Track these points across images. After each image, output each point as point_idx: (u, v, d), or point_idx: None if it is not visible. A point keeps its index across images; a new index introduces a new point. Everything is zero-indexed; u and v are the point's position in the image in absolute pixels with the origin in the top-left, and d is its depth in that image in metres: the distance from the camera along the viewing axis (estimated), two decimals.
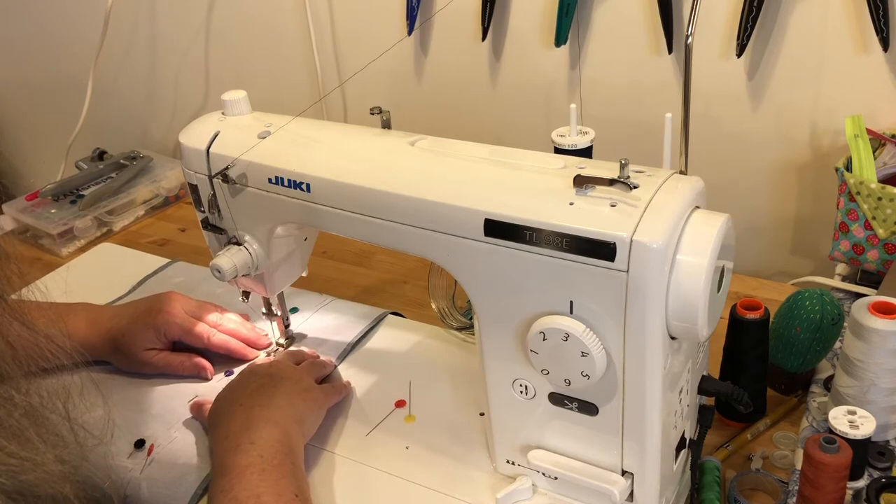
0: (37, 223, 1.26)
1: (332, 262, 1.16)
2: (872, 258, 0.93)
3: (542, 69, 1.17)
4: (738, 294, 1.00)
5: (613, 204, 0.60)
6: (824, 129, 1.03)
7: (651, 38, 1.08)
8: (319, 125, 0.84)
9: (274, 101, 0.99)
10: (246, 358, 0.93)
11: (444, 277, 0.95)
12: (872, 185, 0.90)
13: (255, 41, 1.40)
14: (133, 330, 0.89)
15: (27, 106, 1.80)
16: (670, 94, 1.09)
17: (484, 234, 0.64)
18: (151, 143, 1.63)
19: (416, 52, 1.26)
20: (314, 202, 0.75)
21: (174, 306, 0.91)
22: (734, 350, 0.80)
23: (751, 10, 0.98)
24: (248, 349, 0.93)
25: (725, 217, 0.62)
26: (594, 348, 0.62)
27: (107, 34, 1.43)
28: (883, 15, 0.92)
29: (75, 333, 0.90)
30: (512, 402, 0.71)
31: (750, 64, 1.04)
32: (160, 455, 0.81)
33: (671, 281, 0.59)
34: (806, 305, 0.80)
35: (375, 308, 1.01)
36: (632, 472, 0.68)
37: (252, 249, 0.84)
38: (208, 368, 0.90)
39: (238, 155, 0.78)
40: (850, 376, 0.75)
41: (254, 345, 0.94)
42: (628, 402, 0.64)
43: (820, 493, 0.66)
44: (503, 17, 1.16)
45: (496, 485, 0.74)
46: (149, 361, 0.89)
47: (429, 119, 1.28)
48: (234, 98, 0.82)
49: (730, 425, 0.82)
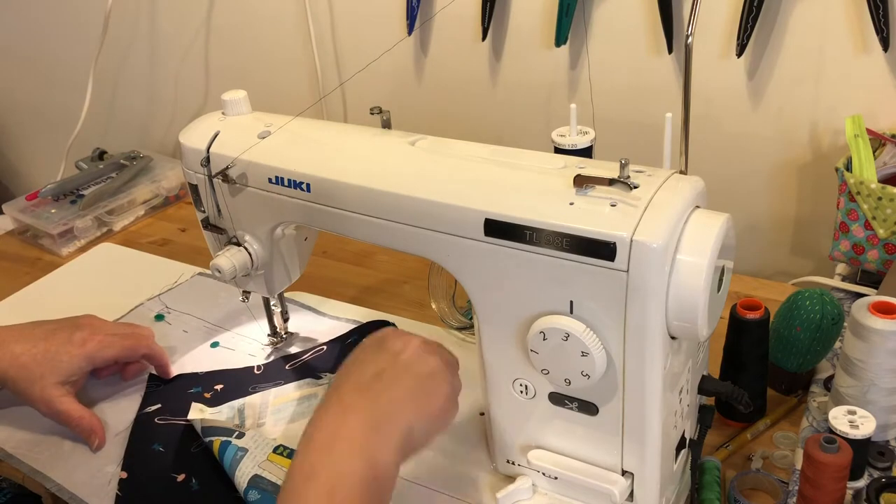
0: (37, 223, 1.26)
1: (332, 262, 1.16)
2: (872, 258, 0.93)
3: (542, 69, 1.17)
4: (738, 294, 1.00)
5: (613, 204, 0.60)
6: (824, 129, 1.03)
7: (651, 38, 1.08)
8: (319, 125, 0.84)
9: (274, 101, 1.00)
10: (167, 375, 0.91)
11: (444, 277, 0.95)
12: (872, 185, 0.90)
13: (255, 41, 1.40)
14: (52, 356, 0.80)
15: (27, 106, 1.80)
16: (670, 94, 1.09)
17: (484, 234, 0.64)
18: (151, 143, 1.63)
19: (416, 52, 1.26)
20: (314, 202, 0.75)
21: (104, 324, 0.87)
22: (734, 350, 0.80)
23: (751, 10, 0.98)
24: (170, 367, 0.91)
25: (725, 217, 0.62)
26: (594, 348, 0.62)
27: (107, 34, 1.43)
28: (883, 15, 0.92)
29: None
30: (512, 402, 0.71)
31: (750, 64, 1.04)
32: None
33: (671, 281, 0.59)
34: (806, 305, 0.80)
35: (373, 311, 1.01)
36: (632, 472, 0.68)
37: (252, 249, 0.84)
38: (99, 439, 0.82)
39: (238, 155, 0.78)
40: (850, 376, 0.75)
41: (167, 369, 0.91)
42: (628, 402, 0.64)
43: (820, 493, 0.66)
44: (503, 17, 1.16)
45: (496, 485, 0.74)
46: (53, 399, 0.80)
47: (429, 119, 1.28)
48: (234, 98, 0.82)
49: (730, 425, 0.82)
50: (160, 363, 0.91)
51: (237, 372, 0.92)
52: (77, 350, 0.83)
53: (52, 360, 0.81)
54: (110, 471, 0.80)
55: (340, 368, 0.67)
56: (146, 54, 1.55)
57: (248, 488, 0.73)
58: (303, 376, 0.90)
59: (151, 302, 1.07)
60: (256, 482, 0.73)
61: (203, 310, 1.04)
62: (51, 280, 1.16)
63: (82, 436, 0.83)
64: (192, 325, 1.01)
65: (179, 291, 1.09)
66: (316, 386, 0.88)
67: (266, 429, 0.83)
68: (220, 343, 0.98)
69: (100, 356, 0.85)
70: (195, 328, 1.01)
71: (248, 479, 0.73)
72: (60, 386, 0.82)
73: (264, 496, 0.72)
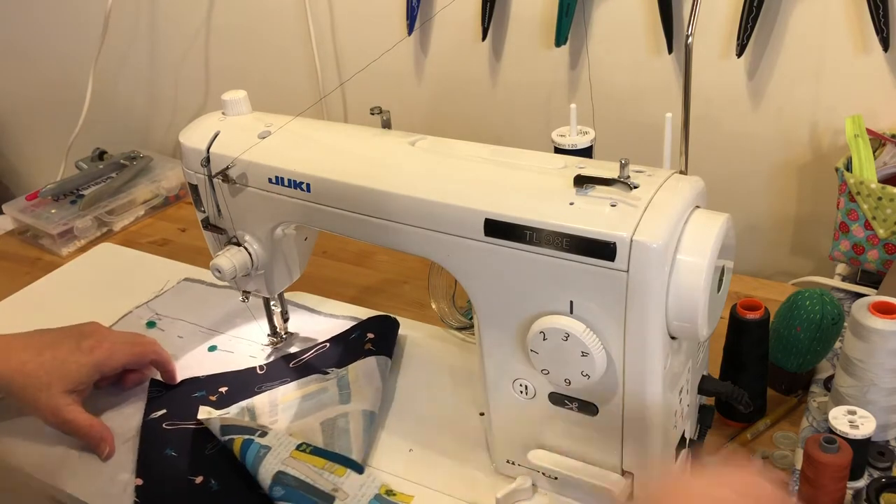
0: (37, 223, 1.26)
1: (332, 262, 1.16)
2: (872, 258, 0.93)
3: (542, 69, 1.17)
4: (738, 294, 1.00)
5: (613, 204, 0.60)
6: (824, 129, 1.03)
7: (651, 39, 1.08)
8: (319, 125, 0.84)
9: (274, 101, 1.00)
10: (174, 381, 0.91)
11: (444, 277, 0.95)
12: (872, 185, 0.90)
13: (255, 41, 1.40)
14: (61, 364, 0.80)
15: (27, 106, 1.80)
16: (670, 94, 1.09)
17: (484, 234, 0.64)
18: (151, 143, 1.63)
19: (416, 52, 1.26)
20: (314, 202, 0.75)
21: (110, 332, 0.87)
22: (734, 350, 0.80)
23: (751, 10, 0.98)
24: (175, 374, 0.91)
25: (725, 217, 0.62)
26: (594, 348, 0.62)
27: (107, 34, 1.43)
28: (883, 15, 0.92)
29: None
30: (512, 402, 0.71)
31: (750, 64, 1.04)
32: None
33: (671, 281, 0.59)
34: (806, 305, 0.80)
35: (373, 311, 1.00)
36: (632, 472, 0.68)
37: (252, 249, 0.84)
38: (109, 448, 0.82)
39: (238, 155, 0.78)
40: (850, 376, 0.75)
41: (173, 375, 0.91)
42: (628, 403, 0.64)
43: (820, 493, 0.66)
44: (503, 17, 1.16)
45: (496, 485, 0.74)
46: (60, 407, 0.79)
47: (429, 119, 1.28)
48: (234, 98, 0.82)
49: (730, 425, 0.82)
50: (167, 369, 0.91)
51: (240, 373, 0.92)
52: (85, 358, 0.82)
53: (59, 367, 0.80)
54: (124, 479, 0.79)
55: None
56: (146, 54, 1.55)
57: (272, 484, 0.73)
58: (308, 373, 0.90)
59: (140, 309, 1.06)
60: (280, 478, 0.73)
61: (195, 314, 1.03)
62: (51, 280, 1.16)
63: (91, 444, 0.82)
64: (186, 331, 1.00)
65: (168, 297, 1.08)
66: (324, 381, 0.88)
67: (279, 426, 0.83)
68: (218, 346, 0.98)
69: (108, 364, 0.84)
70: (190, 333, 1.00)
71: (272, 476, 0.74)
72: (67, 395, 0.81)
73: (289, 491, 0.72)
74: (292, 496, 0.72)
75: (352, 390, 0.85)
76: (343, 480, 0.74)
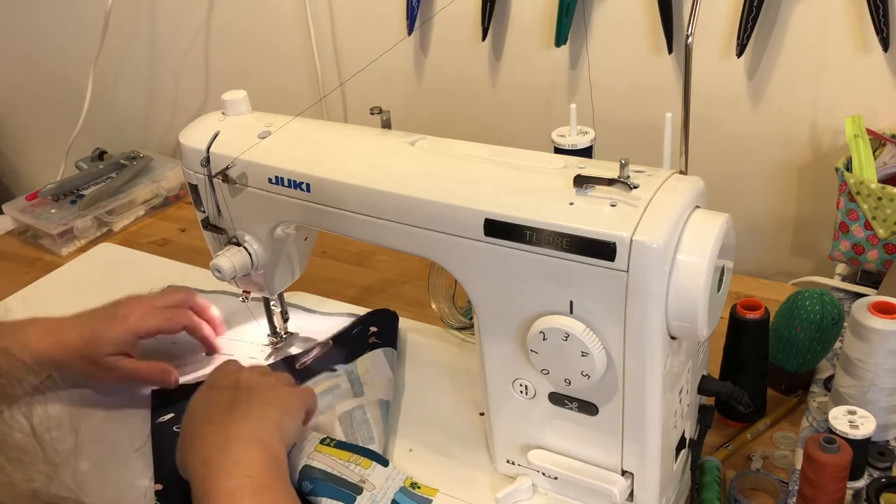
0: (37, 223, 1.26)
1: (332, 262, 1.16)
2: (872, 258, 0.93)
3: (542, 69, 1.17)
4: (738, 294, 1.00)
5: (613, 204, 0.60)
6: (824, 129, 1.03)
7: (651, 39, 1.08)
8: (319, 125, 0.84)
9: (274, 101, 0.99)
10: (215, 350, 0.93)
11: (444, 277, 0.95)
12: (872, 185, 0.90)
13: (255, 41, 1.40)
14: (99, 334, 0.85)
15: (27, 106, 1.80)
16: (670, 94, 1.09)
17: (484, 234, 0.64)
18: (151, 143, 1.63)
19: (416, 52, 1.26)
20: (314, 202, 0.75)
21: (142, 300, 0.90)
22: (734, 350, 0.80)
23: (751, 10, 0.98)
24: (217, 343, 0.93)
25: (725, 217, 0.62)
26: (594, 348, 0.62)
27: (107, 34, 1.43)
28: (883, 15, 0.92)
29: (27, 348, 0.84)
30: (512, 402, 0.71)
31: (750, 64, 1.04)
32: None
33: (671, 281, 0.59)
34: (806, 305, 0.80)
35: None
36: (632, 472, 0.68)
37: (252, 249, 0.84)
38: (174, 375, 0.88)
39: (238, 155, 0.78)
40: (850, 376, 0.75)
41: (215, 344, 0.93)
42: (628, 402, 0.64)
43: (820, 493, 0.66)
44: (503, 17, 1.16)
45: (496, 485, 0.74)
46: (115, 366, 0.85)
47: (429, 119, 1.28)
48: (234, 98, 0.82)
49: (730, 425, 0.82)
50: (202, 335, 0.92)
51: None
52: (120, 325, 0.86)
53: (99, 338, 0.85)
54: (143, 485, 0.79)
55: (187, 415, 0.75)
56: (146, 54, 1.55)
57: (300, 480, 0.73)
58: (316, 373, 0.89)
59: None
60: (307, 472, 0.73)
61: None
62: (51, 280, 1.16)
63: (157, 380, 0.87)
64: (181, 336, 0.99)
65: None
66: (334, 378, 0.87)
67: None
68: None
69: (142, 327, 0.87)
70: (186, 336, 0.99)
71: (300, 471, 0.74)
72: (112, 357, 0.86)
73: (317, 484, 0.72)
74: (321, 488, 0.72)
75: (364, 382, 0.85)
76: (369, 472, 0.74)
